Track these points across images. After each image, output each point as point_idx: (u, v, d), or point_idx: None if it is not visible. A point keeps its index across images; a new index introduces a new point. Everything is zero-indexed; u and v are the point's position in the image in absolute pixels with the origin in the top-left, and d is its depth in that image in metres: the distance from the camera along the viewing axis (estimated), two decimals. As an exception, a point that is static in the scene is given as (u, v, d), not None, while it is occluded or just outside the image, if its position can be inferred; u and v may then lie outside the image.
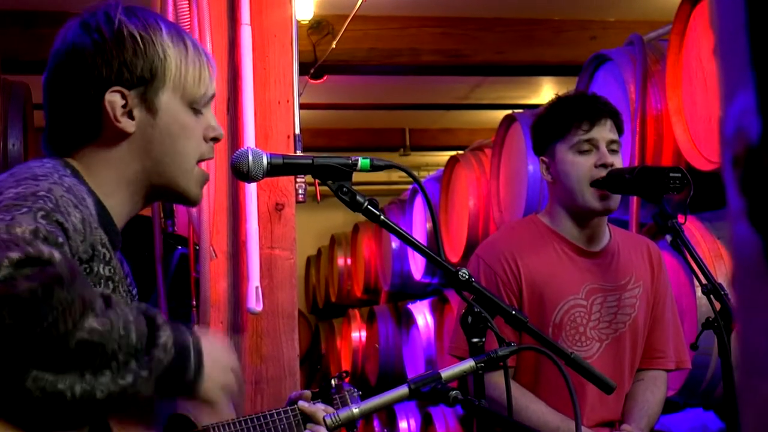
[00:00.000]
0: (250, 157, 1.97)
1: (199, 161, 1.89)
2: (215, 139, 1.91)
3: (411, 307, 7.24)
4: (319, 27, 6.19)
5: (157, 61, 1.81)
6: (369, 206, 1.99)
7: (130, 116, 1.81)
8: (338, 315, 10.11)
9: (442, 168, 6.60)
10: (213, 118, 1.92)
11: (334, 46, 6.09)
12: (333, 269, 9.93)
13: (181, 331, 1.63)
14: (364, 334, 8.76)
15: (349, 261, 9.43)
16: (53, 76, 1.85)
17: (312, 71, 6.35)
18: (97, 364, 1.48)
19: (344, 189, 1.99)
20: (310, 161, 2.00)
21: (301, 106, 3.49)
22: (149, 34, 1.81)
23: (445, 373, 1.95)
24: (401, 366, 7.59)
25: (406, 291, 7.72)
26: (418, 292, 7.48)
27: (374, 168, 2.00)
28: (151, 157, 1.83)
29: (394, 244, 7.49)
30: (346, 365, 9.24)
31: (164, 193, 1.89)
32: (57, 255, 1.47)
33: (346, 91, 7.95)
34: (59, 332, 1.43)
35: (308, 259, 11.44)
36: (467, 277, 1.99)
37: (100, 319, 1.48)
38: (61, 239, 1.54)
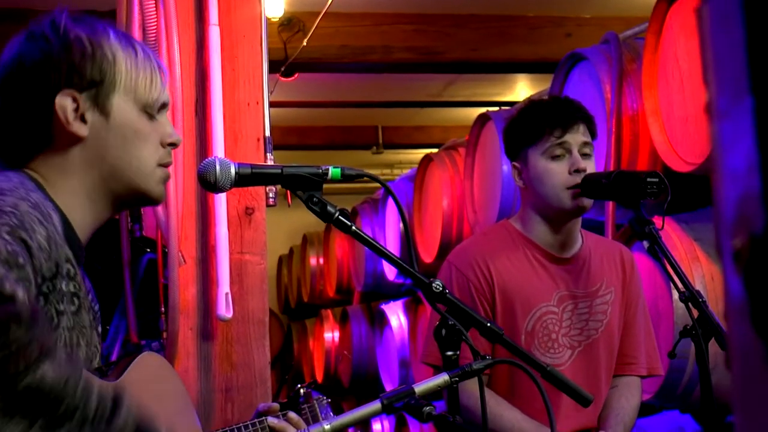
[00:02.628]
0: (218, 168, 1.93)
1: (159, 166, 1.85)
2: (173, 145, 1.88)
3: (384, 307, 7.17)
4: (290, 24, 6.12)
5: (107, 63, 1.78)
6: (340, 217, 1.97)
7: (83, 120, 1.77)
8: (311, 315, 10.03)
9: (416, 167, 6.54)
10: (169, 124, 1.88)
11: (305, 43, 6.02)
12: (305, 269, 9.85)
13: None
14: (337, 334, 8.68)
15: (321, 260, 9.34)
16: (2, 88, 1.80)
17: (283, 69, 6.28)
18: (46, 420, 1.40)
19: (315, 199, 1.97)
20: (279, 171, 1.97)
21: (272, 104, 3.44)
22: (97, 37, 1.78)
23: (419, 387, 1.93)
24: (374, 367, 7.52)
25: (379, 291, 7.65)
26: (392, 293, 7.42)
27: (345, 178, 1.99)
28: (107, 162, 1.79)
29: (367, 244, 7.41)
30: (318, 366, 9.17)
31: (127, 198, 1.85)
32: (20, 293, 1.41)
33: (317, 88, 7.88)
34: (8, 371, 1.36)
35: (280, 258, 11.35)
36: (441, 288, 1.97)
37: (57, 370, 1.40)
38: (22, 260, 1.49)
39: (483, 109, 5.52)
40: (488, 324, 1.99)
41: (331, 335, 8.83)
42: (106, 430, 1.45)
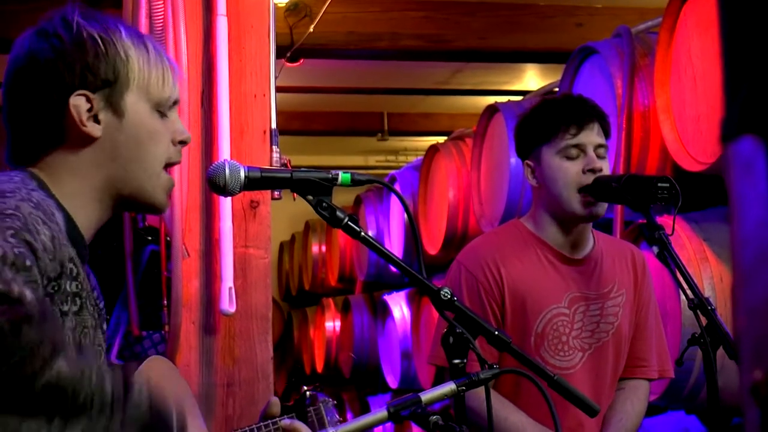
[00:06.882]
0: (227, 171, 1.93)
1: (167, 166, 1.85)
2: (183, 143, 1.87)
3: (387, 298, 7.13)
4: (297, 9, 6.05)
5: (120, 62, 1.77)
6: (349, 222, 1.97)
7: (96, 120, 1.76)
8: (312, 303, 9.97)
9: (422, 155, 6.49)
10: (179, 122, 1.88)
11: (311, 29, 5.96)
12: (307, 256, 9.79)
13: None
14: (338, 324, 8.63)
15: (323, 248, 9.28)
16: (13, 85, 1.79)
17: (288, 55, 6.22)
18: (66, 412, 1.42)
19: (324, 204, 1.96)
20: (289, 175, 1.97)
21: (277, 89, 3.39)
22: (109, 36, 1.77)
23: (425, 396, 1.93)
24: (376, 358, 7.49)
25: (382, 281, 7.59)
26: (395, 283, 7.37)
27: (355, 183, 1.99)
28: (118, 162, 1.79)
29: (371, 232, 7.34)
30: (319, 356, 9.13)
31: (131, 202, 1.85)
32: (28, 294, 1.41)
33: (322, 73, 7.81)
34: (25, 373, 1.37)
35: (281, 245, 11.27)
36: (449, 296, 1.96)
37: (71, 364, 1.41)
38: (29, 262, 1.49)
39: (491, 98, 5.47)
40: (496, 332, 1.98)
41: (333, 324, 8.77)
42: (124, 411, 1.47)
